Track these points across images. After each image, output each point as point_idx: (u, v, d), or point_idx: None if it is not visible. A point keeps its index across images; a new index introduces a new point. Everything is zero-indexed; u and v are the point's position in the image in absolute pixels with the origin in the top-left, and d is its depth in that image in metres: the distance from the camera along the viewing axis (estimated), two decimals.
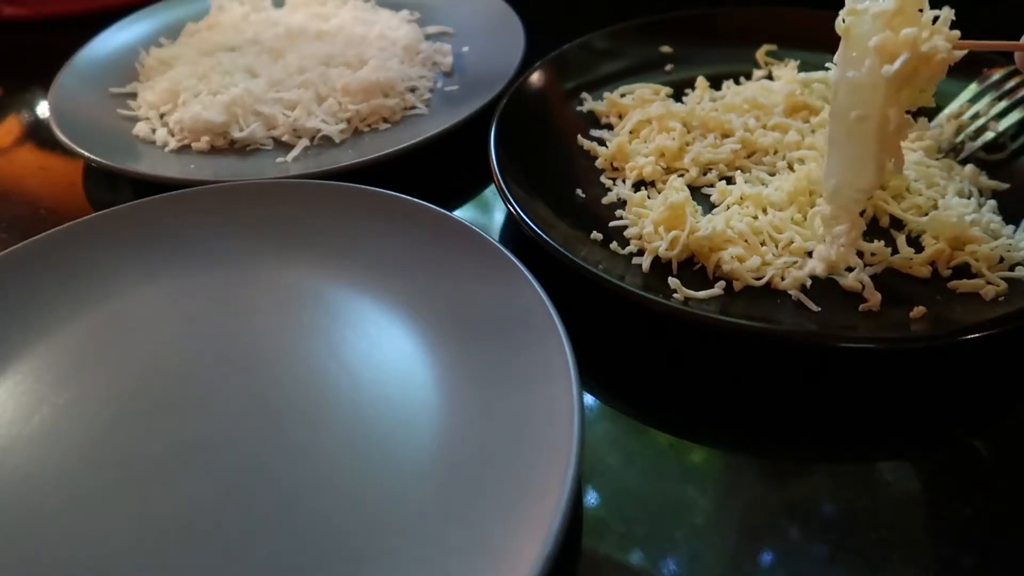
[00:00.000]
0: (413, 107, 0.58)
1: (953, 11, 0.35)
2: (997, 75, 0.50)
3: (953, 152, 0.48)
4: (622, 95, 0.55)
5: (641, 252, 0.42)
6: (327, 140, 0.55)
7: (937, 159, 0.48)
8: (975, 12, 0.41)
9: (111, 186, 0.55)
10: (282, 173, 0.51)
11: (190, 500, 0.31)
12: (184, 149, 0.56)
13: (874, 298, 0.39)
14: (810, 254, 0.42)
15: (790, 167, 0.48)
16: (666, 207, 0.43)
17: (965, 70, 0.40)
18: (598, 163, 0.50)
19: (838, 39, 0.37)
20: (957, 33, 0.35)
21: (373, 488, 0.31)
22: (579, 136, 0.52)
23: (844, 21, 0.36)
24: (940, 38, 0.34)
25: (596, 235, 0.44)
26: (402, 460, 0.32)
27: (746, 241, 0.42)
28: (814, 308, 0.39)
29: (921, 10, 0.35)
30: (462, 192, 0.52)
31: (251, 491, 0.31)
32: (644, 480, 0.33)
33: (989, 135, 0.48)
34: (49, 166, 0.60)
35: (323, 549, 0.29)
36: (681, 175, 0.48)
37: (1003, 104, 0.49)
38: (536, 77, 0.55)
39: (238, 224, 0.44)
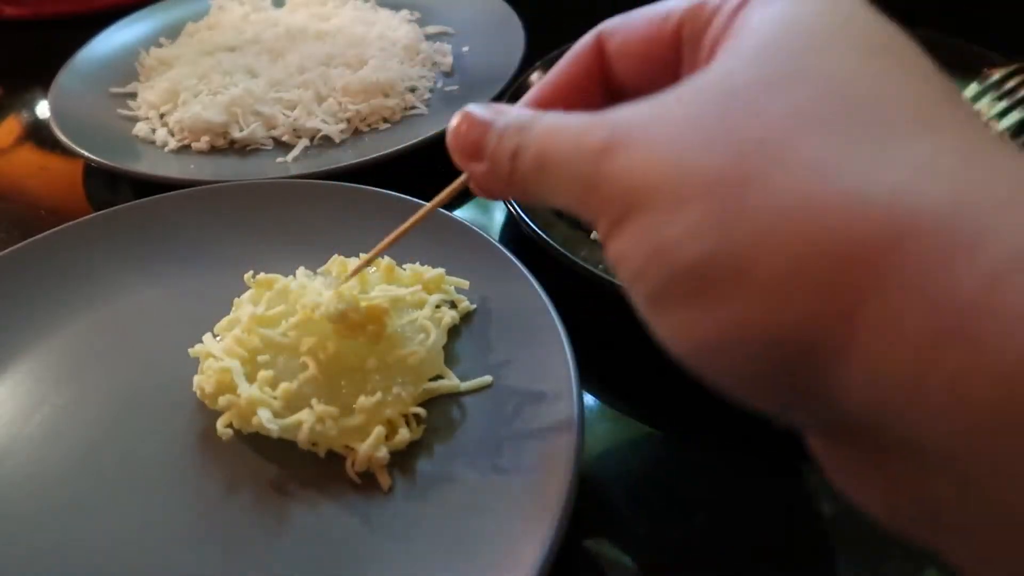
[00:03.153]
0: (413, 107, 0.58)
1: None
2: (997, 75, 0.50)
3: None
4: None
5: None
6: (327, 140, 0.55)
7: None
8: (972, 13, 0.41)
9: (111, 186, 0.55)
10: (282, 173, 0.51)
11: (191, 500, 0.31)
12: (184, 149, 0.56)
13: None
14: None
15: None
16: None
17: (965, 70, 0.40)
18: None
19: None
20: None
21: (369, 488, 0.31)
22: None
23: None
24: None
25: (596, 235, 0.44)
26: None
27: None
28: None
29: None
30: (462, 192, 0.52)
31: (253, 491, 0.31)
32: (644, 480, 0.33)
33: None
34: (49, 166, 0.60)
35: (321, 550, 0.29)
36: None
37: (1003, 104, 0.49)
38: (536, 77, 0.55)
39: (238, 224, 0.44)
